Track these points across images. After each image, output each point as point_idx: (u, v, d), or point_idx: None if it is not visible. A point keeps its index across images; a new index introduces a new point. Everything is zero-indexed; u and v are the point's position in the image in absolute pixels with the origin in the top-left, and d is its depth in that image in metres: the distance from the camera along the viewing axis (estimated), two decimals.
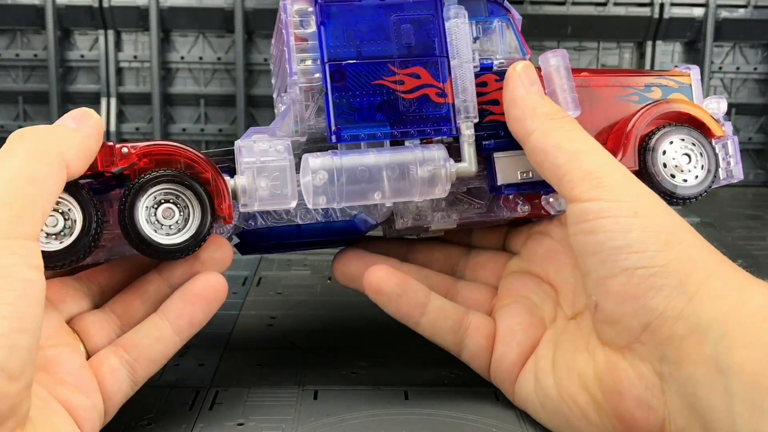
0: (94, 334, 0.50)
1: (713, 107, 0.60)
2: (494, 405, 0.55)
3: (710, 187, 0.58)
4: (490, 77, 0.57)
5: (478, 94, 0.56)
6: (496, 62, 0.57)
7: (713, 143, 0.58)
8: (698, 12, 1.37)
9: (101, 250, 0.53)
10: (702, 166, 0.58)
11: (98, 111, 1.40)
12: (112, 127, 1.39)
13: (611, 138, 0.58)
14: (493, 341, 0.54)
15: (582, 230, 0.47)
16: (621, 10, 1.37)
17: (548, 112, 0.51)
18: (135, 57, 1.40)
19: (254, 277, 0.82)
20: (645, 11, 1.36)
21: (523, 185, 0.57)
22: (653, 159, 0.57)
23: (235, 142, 0.54)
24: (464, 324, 0.55)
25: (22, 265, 0.40)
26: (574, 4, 1.36)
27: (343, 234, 0.59)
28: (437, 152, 0.54)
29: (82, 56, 1.40)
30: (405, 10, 0.57)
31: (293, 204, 0.53)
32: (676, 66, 0.63)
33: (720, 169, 0.58)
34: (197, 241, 0.51)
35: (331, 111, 0.55)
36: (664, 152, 0.57)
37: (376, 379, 0.59)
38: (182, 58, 1.39)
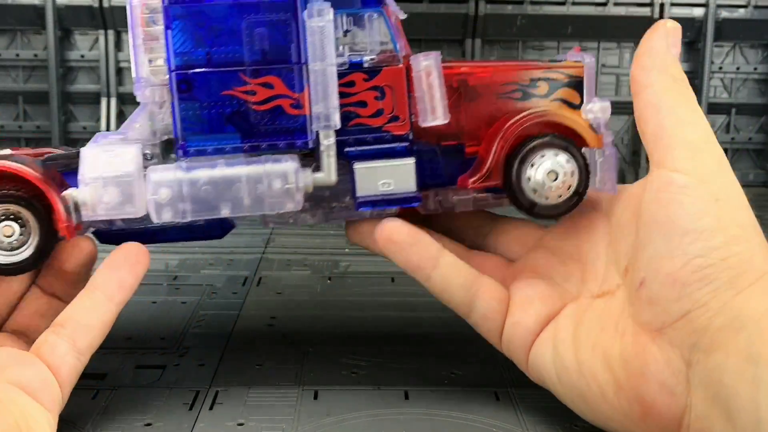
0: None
1: (595, 111, 0.55)
2: (494, 405, 0.55)
3: (574, 205, 0.54)
4: (358, 76, 0.53)
5: (344, 95, 0.53)
6: (366, 59, 0.53)
7: (587, 154, 0.54)
8: (698, 12, 1.37)
9: None
10: (569, 187, 0.53)
11: (98, 111, 1.41)
12: (113, 127, 1.39)
13: (484, 142, 0.55)
14: (507, 306, 0.53)
15: (659, 199, 0.46)
16: (621, 10, 1.37)
17: (675, 74, 0.50)
18: None
19: (254, 277, 0.82)
20: (645, 11, 1.36)
21: (380, 202, 0.54)
22: (517, 173, 0.54)
23: (81, 150, 0.52)
24: (476, 284, 0.54)
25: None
26: (574, 4, 1.36)
27: (207, 232, 0.57)
28: (287, 165, 0.51)
29: (82, 56, 1.40)
30: (260, 11, 0.51)
31: (141, 214, 0.51)
32: (570, 54, 0.58)
33: (595, 180, 0.54)
34: (37, 259, 0.51)
35: (178, 123, 0.52)
36: (533, 165, 0.53)
37: (376, 379, 0.59)
38: None
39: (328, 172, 0.53)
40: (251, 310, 0.73)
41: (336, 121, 0.52)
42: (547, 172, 0.53)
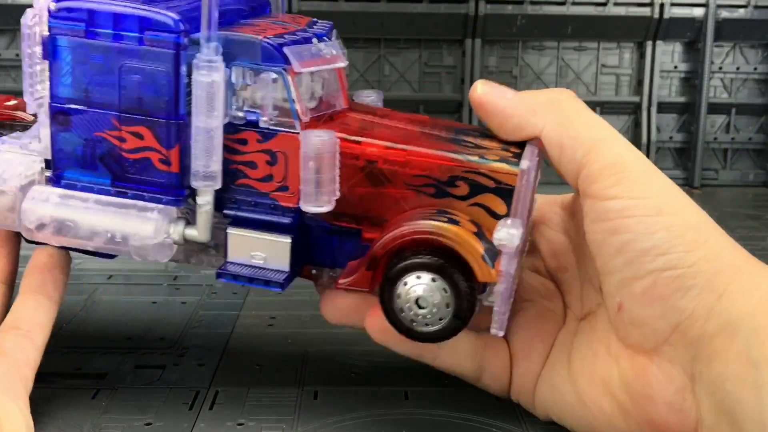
0: None
1: (499, 237, 0.45)
2: (494, 405, 0.55)
3: (456, 331, 0.47)
4: (252, 135, 0.49)
5: (235, 151, 0.49)
6: (262, 119, 0.49)
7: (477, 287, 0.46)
8: (698, 12, 1.37)
9: None
10: (440, 318, 0.46)
11: None
12: None
13: (377, 236, 0.48)
14: (510, 359, 0.52)
15: (603, 229, 0.45)
16: (621, 10, 1.37)
17: (550, 99, 0.48)
18: None
19: None
20: (645, 11, 1.37)
21: (242, 277, 0.50)
22: (389, 291, 0.47)
23: None
24: (481, 347, 0.52)
25: None
26: (574, 4, 1.36)
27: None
28: (154, 220, 0.49)
29: None
30: (138, 57, 0.48)
31: (18, 229, 0.52)
32: (511, 158, 0.48)
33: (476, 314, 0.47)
34: None
35: (54, 152, 0.51)
36: (405, 284, 0.47)
37: (376, 379, 0.59)
38: None
39: (202, 231, 0.50)
40: (251, 310, 0.73)
41: (216, 182, 0.48)
42: (415, 299, 0.46)
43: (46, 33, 0.51)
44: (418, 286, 0.46)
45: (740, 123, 1.44)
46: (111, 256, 0.53)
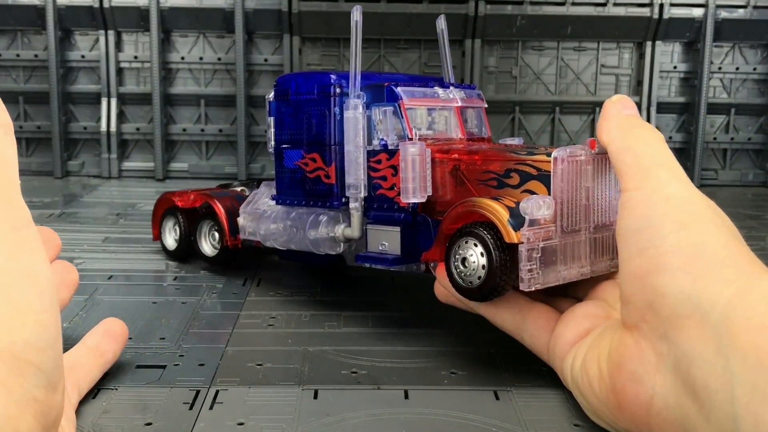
0: None
1: (530, 207, 0.53)
2: (494, 405, 0.55)
3: (494, 289, 0.55)
4: (384, 156, 0.65)
5: (375, 170, 0.66)
6: (388, 142, 0.64)
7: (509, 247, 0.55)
8: (698, 12, 1.37)
9: None
10: (479, 277, 0.55)
11: (98, 111, 1.41)
12: (113, 128, 1.39)
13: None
14: (554, 324, 0.57)
15: (621, 216, 0.49)
16: (621, 11, 1.37)
17: (628, 124, 0.53)
18: (135, 57, 1.40)
19: (254, 277, 0.83)
20: (645, 11, 1.37)
21: (374, 259, 0.66)
22: (447, 254, 0.58)
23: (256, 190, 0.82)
24: (525, 308, 0.58)
25: (41, 260, 0.38)
26: (574, 4, 1.36)
27: (312, 259, 0.76)
28: (325, 220, 0.69)
29: (83, 56, 1.40)
30: (311, 106, 0.70)
31: (260, 240, 0.77)
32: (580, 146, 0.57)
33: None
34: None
35: (276, 180, 0.74)
36: (458, 247, 0.57)
37: (376, 379, 0.59)
38: (182, 58, 1.40)
39: (355, 230, 0.67)
40: (251, 310, 0.73)
41: (362, 191, 0.66)
42: (462, 259, 0.57)
43: (271, 99, 0.74)
44: (465, 249, 0.57)
45: (739, 123, 1.44)
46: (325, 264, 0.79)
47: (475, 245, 0.56)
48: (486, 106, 0.72)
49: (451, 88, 0.70)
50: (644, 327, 0.46)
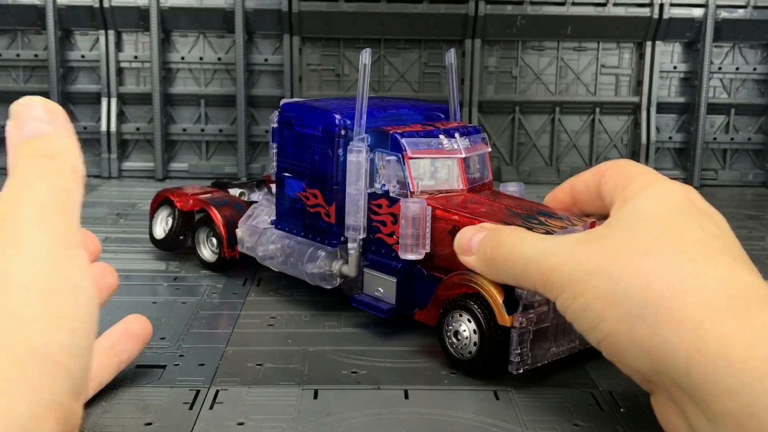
0: None
1: (525, 293, 0.55)
2: (494, 405, 0.55)
3: (485, 364, 0.58)
4: (385, 201, 0.66)
5: (375, 213, 0.66)
6: (390, 188, 0.65)
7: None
8: (698, 12, 1.37)
9: None
10: (469, 352, 0.58)
11: (98, 111, 1.41)
12: (113, 128, 1.39)
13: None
14: None
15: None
16: (621, 11, 1.37)
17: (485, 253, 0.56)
18: (135, 57, 1.40)
19: (254, 277, 0.83)
20: (645, 11, 1.37)
21: (371, 306, 0.66)
22: (441, 323, 0.61)
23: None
24: None
25: (86, 277, 0.39)
26: (574, 4, 1.36)
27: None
28: (321, 257, 0.69)
29: (83, 56, 1.40)
30: (315, 141, 0.69)
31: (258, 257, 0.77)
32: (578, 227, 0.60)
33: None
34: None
35: (277, 205, 0.74)
36: (451, 318, 0.60)
37: (376, 379, 0.59)
38: (182, 58, 1.39)
39: (352, 268, 0.68)
40: (251, 310, 0.73)
41: (361, 233, 0.67)
42: (455, 332, 0.59)
43: (275, 125, 0.74)
44: (458, 322, 0.59)
45: (739, 123, 1.44)
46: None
47: (468, 320, 0.58)
48: (489, 150, 0.71)
49: (456, 136, 0.68)
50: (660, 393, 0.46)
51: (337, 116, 0.68)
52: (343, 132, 0.67)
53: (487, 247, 0.56)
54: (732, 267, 0.44)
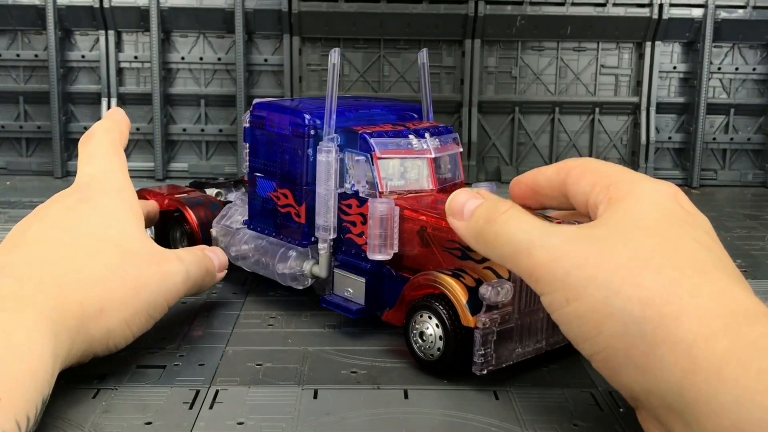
0: None
1: (489, 293, 0.55)
2: (494, 405, 0.55)
3: (446, 369, 0.58)
4: (354, 201, 0.66)
5: (345, 213, 0.66)
6: (359, 188, 0.65)
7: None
8: (697, 12, 1.37)
9: None
10: (437, 349, 0.58)
11: (98, 111, 1.41)
12: None
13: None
14: None
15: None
16: (620, 11, 1.37)
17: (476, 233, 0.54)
18: (135, 57, 1.40)
19: (254, 277, 0.83)
20: (644, 12, 1.37)
21: (340, 306, 0.66)
22: (407, 323, 0.61)
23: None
24: None
25: (162, 288, 0.61)
26: (573, 4, 1.36)
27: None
28: (292, 257, 0.69)
29: (83, 56, 1.40)
30: (285, 141, 0.69)
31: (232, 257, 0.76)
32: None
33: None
34: None
35: (249, 205, 0.74)
36: (416, 319, 0.60)
37: (376, 379, 0.59)
38: (182, 58, 1.40)
39: (322, 269, 0.68)
40: (251, 310, 0.73)
41: (331, 233, 0.66)
42: (420, 332, 0.59)
43: (247, 125, 0.73)
44: (422, 323, 0.59)
45: (739, 123, 1.44)
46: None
47: (430, 318, 0.58)
48: (461, 150, 0.71)
49: (427, 136, 0.68)
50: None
51: (307, 116, 0.67)
52: (312, 132, 0.67)
53: (480, 218, 0.53)
54: (725, 283, 0.44)
